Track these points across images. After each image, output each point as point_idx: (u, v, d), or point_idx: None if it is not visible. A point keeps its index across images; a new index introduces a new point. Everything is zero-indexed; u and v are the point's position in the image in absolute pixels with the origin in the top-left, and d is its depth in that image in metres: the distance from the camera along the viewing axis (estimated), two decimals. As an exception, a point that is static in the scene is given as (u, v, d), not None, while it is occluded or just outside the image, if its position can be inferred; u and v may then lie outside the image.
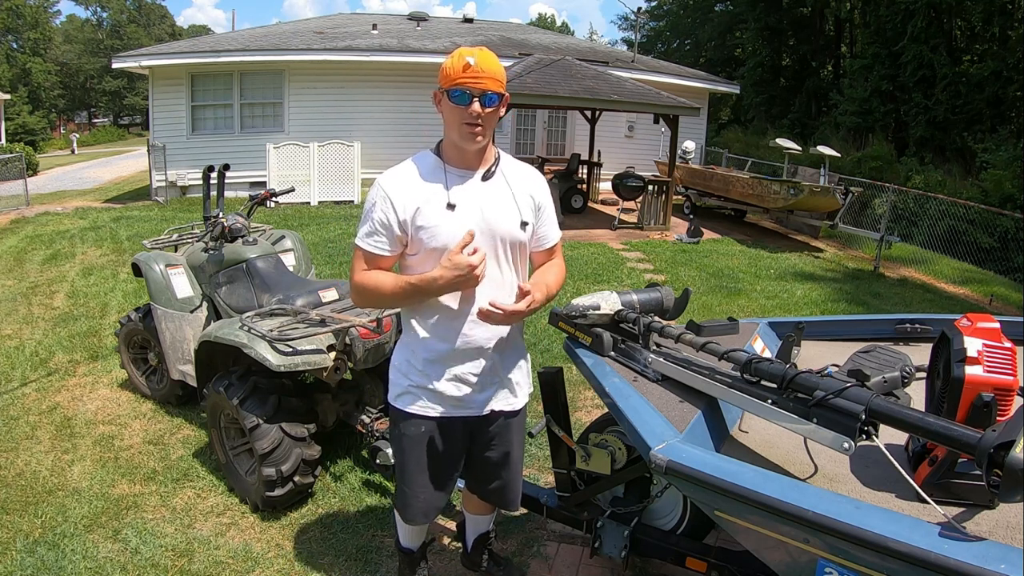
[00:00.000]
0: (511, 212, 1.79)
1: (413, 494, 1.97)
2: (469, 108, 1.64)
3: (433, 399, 1.86)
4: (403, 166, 1.79)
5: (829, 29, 24.14)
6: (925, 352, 1.94)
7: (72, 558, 2.54)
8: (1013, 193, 12.57)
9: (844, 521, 1.32)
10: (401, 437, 1.93)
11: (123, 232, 9.13)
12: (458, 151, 1.75)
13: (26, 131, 32.22)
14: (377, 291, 1.75)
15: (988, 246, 9.43)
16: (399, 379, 1.90)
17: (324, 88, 12.96)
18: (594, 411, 3.83)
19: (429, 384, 1.85)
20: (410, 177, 1.75)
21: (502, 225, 1.77)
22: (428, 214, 1.71)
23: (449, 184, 1.74)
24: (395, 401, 1.92)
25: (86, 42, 46.50)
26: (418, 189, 1.73)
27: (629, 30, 36.80)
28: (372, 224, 1.74)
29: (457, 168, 1.76)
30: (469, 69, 1.62)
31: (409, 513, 2.01)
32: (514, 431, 2.01)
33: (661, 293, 2.19)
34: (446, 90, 1.65)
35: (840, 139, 17.70)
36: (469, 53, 1.64)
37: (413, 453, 1.91)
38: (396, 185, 1.74)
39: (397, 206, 1.71)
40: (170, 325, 3.51)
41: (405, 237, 1.74)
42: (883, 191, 9.68)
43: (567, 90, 9.41)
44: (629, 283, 7.07)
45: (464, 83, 1.62)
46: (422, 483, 1.95)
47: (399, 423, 1.93)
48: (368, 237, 1.75)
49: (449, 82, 1.64)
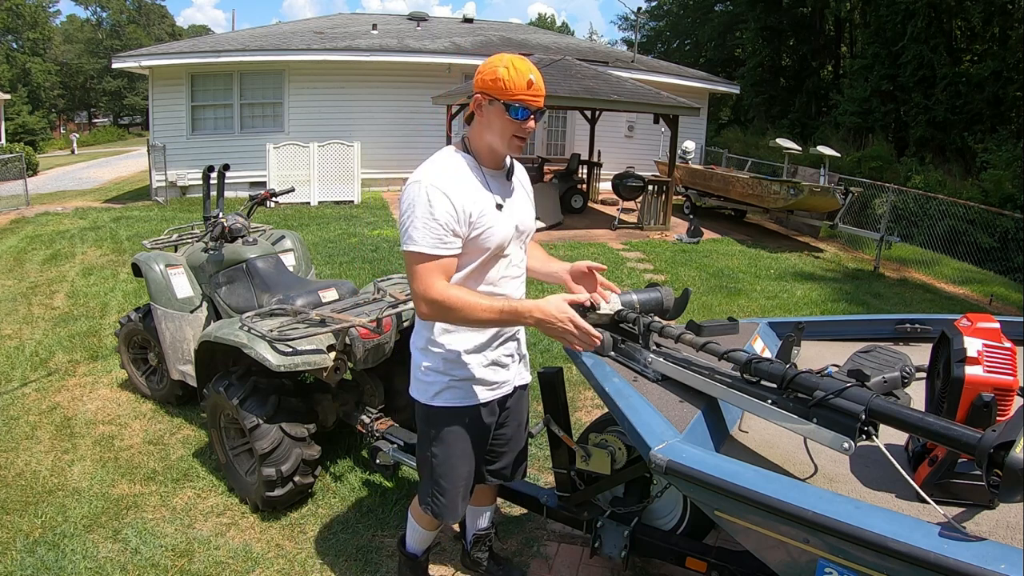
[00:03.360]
0: (529, 207, 1.94)
1: (455, 491, 1.97)
2: (526, 123, 1.70)
3: (473, 388, 1.90)
4: (445, 166, 1.73)
5: (829, 29, 24.15)
6: (925, 352, 1.95)
7: (72, 558, 2.54)
8: (1013, 193, 12.58)
9: (844, 521, 1.32)
10: (444, 435, 1.92)
11: (123, 232, 9.13)
12: (493, 154, 1.79)
13: (26, 131, 32.22)
14: (469, 311, 1.66)
15: (988, 246, 9.42)
16: (436, 378, 1.88)
17: (324, 88, 12.96)
18: (594, 411, 3.83)
19: (471, 374, 1.88)
20: (458, 178, 1.72)
21: (526, 220, 1.90)
22: (485, 216, 1.73)
23: (491, 185, 1.79)
24: (434, 400, 1.89)
25: (86, 42, 46.50)
26: (469, 191, 1.72)
27: (629, 30, 36.85)
28: (437, 226, 1.65)
29: (490, 169, 1.81)
30: (533, 87, 1.67)
31: (450, 514, 2.00)
32: (524, 400, 2.14)
33: (661, 293, 2.19)
34: (505, 103, 1.67)
35: (840, 139, 17.71)
36: (529, 70, 1.67)
37: (459, 447, 1.93)
38: (452, 187, 1.69)
39: (459, 208, 1.68)
40: (170, 325, 3.51)
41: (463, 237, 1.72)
42: (883, 191, 9.68)
43: (567, 90, 9.41)
44: (629, 283, 7.07)
45: (526, 100, 1.67)
46: (466, 476, 1.98)
47: (441, 422, 1.91)
48: (436, 240, 1.66)
49: (509, 96, 1.66)
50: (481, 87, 1.69)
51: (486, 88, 1.68)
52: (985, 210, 9.43)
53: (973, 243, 9.20)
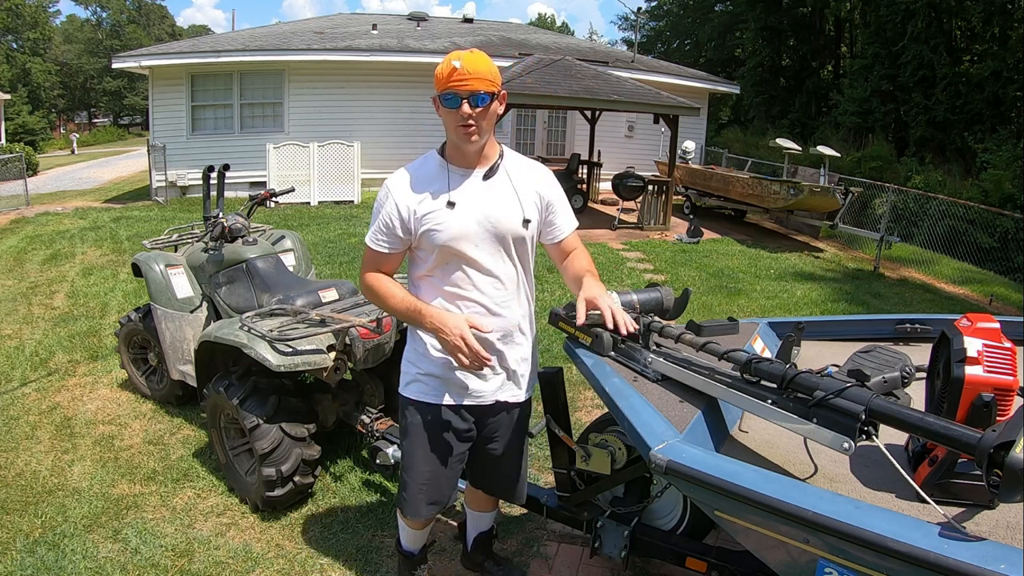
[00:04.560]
0: (513, 209, 1.85)
1: (416, 487, 1.98)
2: (460, 110, 1.70)
3: (442, 387, 1.92)
4: (409, 167, 1.87)
5: (829, 29, 24.15)
6: (925, 352, 1.94)
7: (72, 558, 2.54)
8: (1013, 193, 12.57)
9: (844, 521, 1.32)
10: (408, 427, 1.97)
11: (123, 232, 9.13)
12: (459, 151, 1.82)
13: (26, 131, 32.22)
14: (384, 299, 1.87)
15: (988, 246, 9.42)
16: (408, 368, 1.96)
17: (324, 88, 12.96)
18: (594, 411, 3.83)
19: (438, 372, 1.90)
20: (414, 178, 1.83)
21: (503, 222, 1.83)
22: (430, 213, 1.79)
23: (451, 183, 1.81)
24: (404, 390, 1.97)
25: (86, 42, 46.49)
26: (421, 189, 1.81)
27: (629, 30, 36.84)
28: (379, 224, 1.84)
29: (459, 167, 1.83)
30: (456, 73, 1.68)
31: (410, 508, 2.02)
32: (517, 423, 2.07)
33: (661, 293, 2.19)
34: (440, 95, 1.72)
35: (840, 139, 17.70)
36: (456, 57, 1.69)
37: (419, 443, 1.95)
38: (401, 186, 1.83)
39: (400, 206, 1.80)
40: (170, 325, 3.51)
41: (410, 236, 1.82)
42: (883, 191, 9.68)
43: (567, 90, 9.41)
44: (629, 283, 7.07)
45: (452, 87, 1.69)
46: (427, 473, 1.97)
47: (407, 412, 1.97)
48: (375, 236, 1.86)
49: (441, 87, 1.71)
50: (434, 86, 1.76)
51: (435, 87, 1.74)
52: (985, 210, 9.44)
53: (973, 243, 9.20)
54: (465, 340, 1.73)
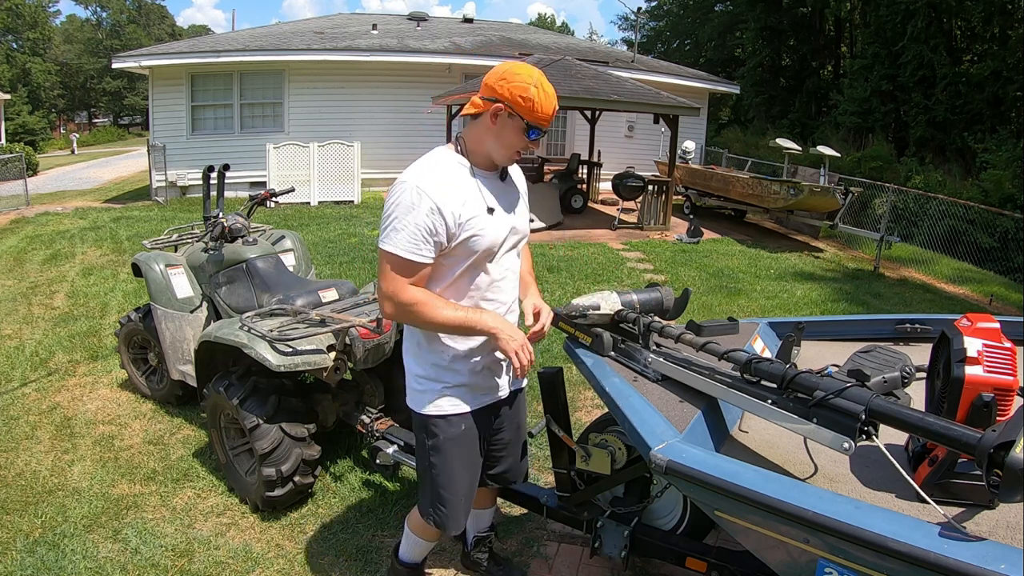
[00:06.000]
0: (524, 210, 1.91)
1: (457, 501, 1.92)
2: (532, 141, 1.72)
3: (469, 393, 1.88)
4: (435, 168, 1.71)
5: (829, 29, 24.15)
6: (925, 352, 1.94)
7: (72, 558, 2.54)
8: (1013, 193, 12.57)
9: (844, 521, 1.32)
10: (441, 444, 1.87)
11: (123, 232, 9.13)
12: (486, 159, 1.78)
13: (26, 131, 32.23)
14: (432, 314, 1.69)
15: (988, 246, 9.42)
16: (430, 386, 1.85)
17: (324, 88, 12.96)
18: (594, 411, 3.83)
19: (465, 380, 1.85)
20: (449, 181, 1.70)
21: (521, 223, 1.87)
22: (474, 219, 1.71)
23: (482, 187, 1.76)
24: (429, 408, 1.85)
25: (86, 42, 46.51)
26: (460, 194, 1.70)
27: (629, 30, 36.86)
28: (417, 232, 1.64)
29: (483, 171, 1.79)
30: (550, 112, 1.68)
31: (452, 525, 1.95)
32: (521, 404, 2.12)
33: (661, 293, 2.19)
34: (528, 123, 1.67)
35: (840, 139, 17.71)
36: (555, 96, 1.69)
37: (458, 455, 1.89)
38: (438, 189, 1.66)
39: (446, 213, 1.65)
40: (170, 325, 3.51)
41: (449, 243, 1.70)
42: (883, 191, 9.68)
43: (567, 90, 9.40)
44: (629, 283, 7.07)
45: (541, 123, 1.68)
46: (469, 483, 1.95)
47: (438, 430, 1.87)
48: (413, 246, 1.65)
49: (535, 118, 1.66)
50: (508, 98, 1.65)
51: (513, 102, 1.65)
52: (985, 210, 9.43)
53: (973, 243, 9.20)
54: (525, 344, 1.74)
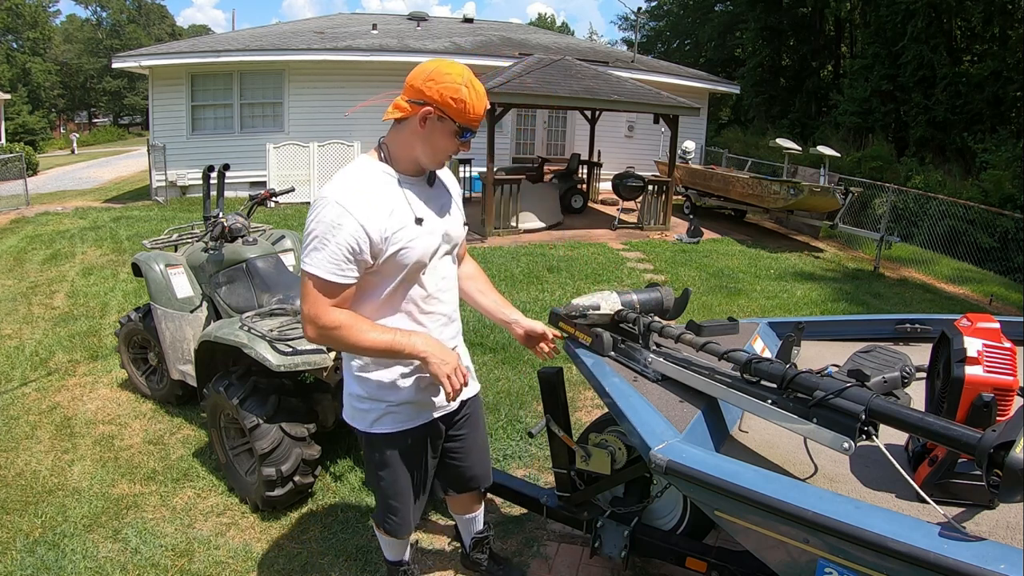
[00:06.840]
0: (457, 214, 1.82)
1: (405, 511, 1.94)
2: (463, 143, 1.65)
3: (414, 410, 1.83)
4: (358, 181, 1.61)
5: (829, 29, 24.15)
6: (925, 352, 1.95)
7: (72, 558, 2.54)
8: (1013, 193, 12.58)
9: (844, 521, 1.32)
10: (388, 459, 1.86)
11: (123, 232, 9.13)
12: (412, 162, 1.68)
13: (26, 131, 32.24)
14: (356, 338, 1.60)
15: (988, 246, 9.43)
16: (372, 406, 1.79)
17: (324, 88, 12.95)
18: (594, 411, 3.83)
19: (410, 398, 1.80)
20: (371, 194, 1.59)
21: (454, 229, 1.79)
22: (401, 232, 1.61)
23: (409, 197, 1.66)
24: (373, 427, 1.81)
25: (86, 42, 46.50)
26: (384, 207, 1.60)
27: (629, 30, 36.86)
28: (339, 251, 1.54)
29: (410, 177, 1.69)
30: (481, 112, 1.61)
31: (404, 531, 1.98)
32: (477, 411, 2.06)
33: (661, 293, 2.19)
34: (460, 126, 1.60)
35: (840, 139, 17.71)
36: (482, 96, 1.62)
37: (403, 469, 1.88)
38: (360, 204, 1.56)
39: (371, 229, 1.56)
40: (170, 325, 3.51)
41: (375, 260, 1.61)
42: (883, 191, 9.68)
43: (567, 90, 9.41)
44: (629, 283, 7.07)
45: (472, 124, 1.62)
46: (418, 491, 1.95)
47: (383, 447, 1.84)
48: (335, 266, 1.55)
49: (467, 120, 1.60)
50: (437, 100, 1.56)
51: (443, 104, 1.56)
52: (985, 210, 9.44)
53: (973, 243, 9.21)
54: (458, 367, 1.66)
